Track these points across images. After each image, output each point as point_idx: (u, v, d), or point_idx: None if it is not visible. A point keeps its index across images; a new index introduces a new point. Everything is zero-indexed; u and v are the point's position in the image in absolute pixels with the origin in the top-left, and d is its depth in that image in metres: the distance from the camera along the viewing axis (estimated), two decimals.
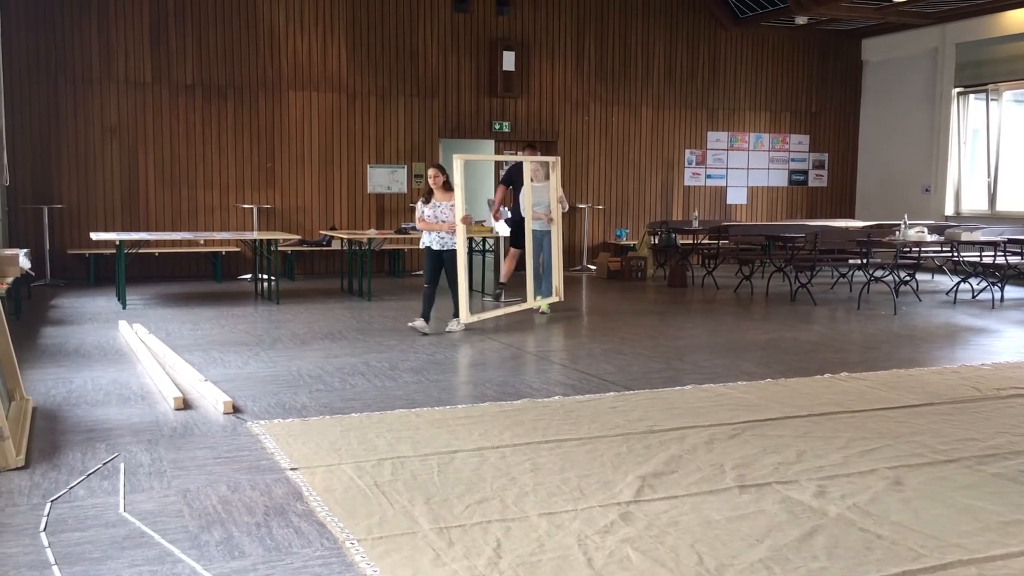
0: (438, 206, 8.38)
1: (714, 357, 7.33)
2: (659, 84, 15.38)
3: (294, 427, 5.03)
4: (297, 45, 13.12)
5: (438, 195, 8.41)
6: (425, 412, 5.39)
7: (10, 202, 11.67)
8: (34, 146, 11.88)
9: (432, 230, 8.39)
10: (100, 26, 12.12)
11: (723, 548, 3.36)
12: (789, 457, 4.52)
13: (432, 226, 8.37)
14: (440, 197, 8.40)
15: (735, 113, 16.04)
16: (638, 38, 15.16)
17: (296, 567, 3.19)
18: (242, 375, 6.44)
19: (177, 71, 12.52)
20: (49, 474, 4.18)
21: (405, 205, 13.90)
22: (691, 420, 5.25)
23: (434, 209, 8.39)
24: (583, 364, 6.96)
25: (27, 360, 6.71)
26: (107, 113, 12.23)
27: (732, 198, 16.24)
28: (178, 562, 3.21)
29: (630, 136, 15.34)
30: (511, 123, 14.44)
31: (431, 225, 8.38)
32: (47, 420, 5.15)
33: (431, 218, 8.40)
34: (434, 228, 8.36)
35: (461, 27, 14.00)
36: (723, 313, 10.02)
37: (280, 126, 13.11)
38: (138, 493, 3.93)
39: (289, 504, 3.81)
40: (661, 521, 3.63)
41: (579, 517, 3.67)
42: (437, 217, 8.37)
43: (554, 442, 4.76)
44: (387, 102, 13.70)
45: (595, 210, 15.17)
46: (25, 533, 3.47)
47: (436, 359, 7.10)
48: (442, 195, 8.40)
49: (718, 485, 4.08)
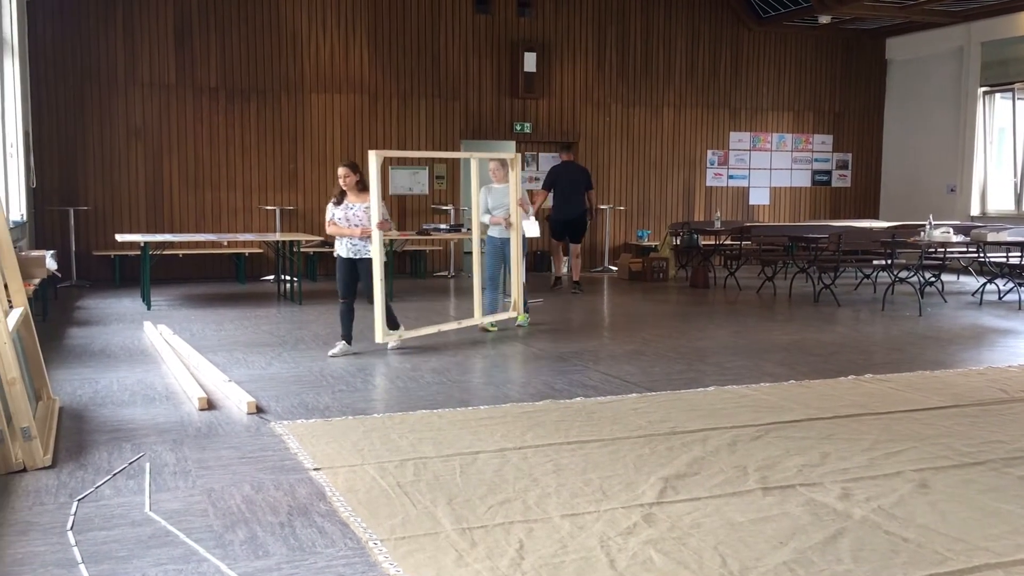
0: (351, 208, 7.44)
1: (737, 358, 7.30)
2: (681, 84, 15.34)
3: (317, 427, 5.05)
4: (319, 47, 13.19)
5: (352, 196, 7.48)
6: (447, 413, 5.40)
7: (37, 204, 11.80)
8: (60, 149, 12.01)
9: (343, 235, 7.44)
10: (125, 30, 12.23)
11: (746, 550, 3.35)
12: (813, 459, 4.49)
13: (343, 231, 7.43)
14: (354, 198, 7.46)
15: (758, 113, 15.96)
16: (660, 38, 15.12)
17: (320, 567, 3.20)
18: (265, 375, 6.48)
19: (201, 74, 12.62)
20: (76, 473, 4.22)
21: (427, 206, 13.94)
22: (714, 422, 5.22)
23: (346, 211, 7.45)
24: (605, 365, 6.95)
25: (54, 361, 6.78)
26: (132, 116, 12.34)
27: (754, 199, 16.16)
28: (203, 561, 3.24)
29: (652, 136, 15.30)
30: (532, 124, 14.45)
31: (342, 230, 7.43)
32: (74, 420, 5.21)
33: (342, 221, 7.44)
34: (345, 233, 7.41)
35: (482, 29, 14.02)
36: (745, 314, 9.97)
37: (302, 128, 13.18)
38: (163, 492, 3.97)
39: (312, 504, 3.83)
40: (684, 523, 3.62)
41: (601, 518, 3.66)
42: (349, 220, 7.42)
43: (576, 443, 4.75)
44: (409, 104, 13.74)
45: (616, 211, 15.14)
46: (52, 532, 3.51)
47: (457, 360, 7.12)
48: (356, 196, 7.46)
49: (741, 487, 4.06)
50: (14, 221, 9.29)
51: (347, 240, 7.41)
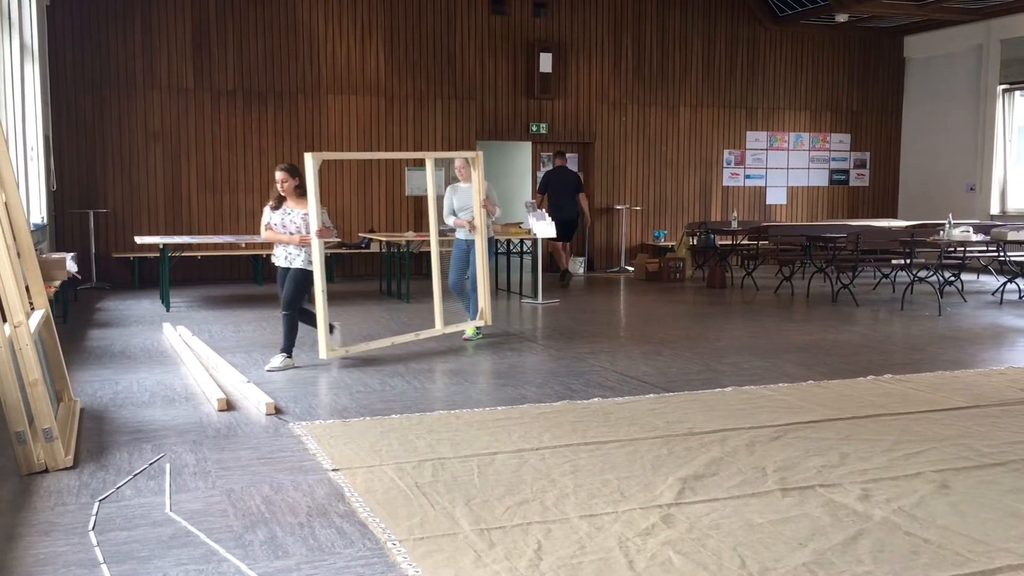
0: (289, 213, 6.89)
1: (754, 359, 7.27)
2: (697, 84, 15.29)
3: (335, 428, 5.07)
4: (336, 49, 13.24)
5: (291, 202, 6.93)
6: (464, 414, 5.41)
7: (57, 207, 11.90)
8: (80, 152, 12.11)
9: (277, 241, 6.91)
10: (143, 34, 12.32)
11: (766, 551, 3.34)
12: (832, 460, 4.47)
13: (277, 237, 6.87)
14: (293, 204, 6.93)
15: (774, 112, 15.89)
16: (676, 38, 15.08)
17: (339, 567, 3.22)
18: (283, 376, 6.50)
19: (218, 77, 12.69)
20: (97, 474, 4.26)
21: None
22: (732, 422, 5.21)
23: (283, 216, 6.89)
24: (622, 366, 6.94)
25: (74, 362, 6.83)
26: (150, 119, 12.43)
27: (772, 198, 16.09)
28: (223, 561, 3.26)
29: (668, 136, 15.26)
30: (548, 124, 14.44)
31: (278, 236, 6.87)
32: (94, 421, 5.25)
33: (279, 227, 6.90)
34: (281, 240, 6.87)
35: (498, 29, 14.03)
36: (763, 314, 9.93)
37: (319, 130, 13.23)
38: (184, 493, 3.99)
39: (331, 505, 3.84)
40: (703, 524, 3.61)
41: (620, 519, 3.66)
42: (286, 227, 6.88)
43: (594, 444, 4.75)
44: (425, 105, 13.76)
45: (633, 211, 15.11)
46: (74, 532, 3.54)
47: (475, 361, 7.12)
48: (295, 201, 6.92)
49: (760, 488, 4.05)
50: (35, 224, 9.37)
51: (281, 248, 6.94)
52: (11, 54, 8.75)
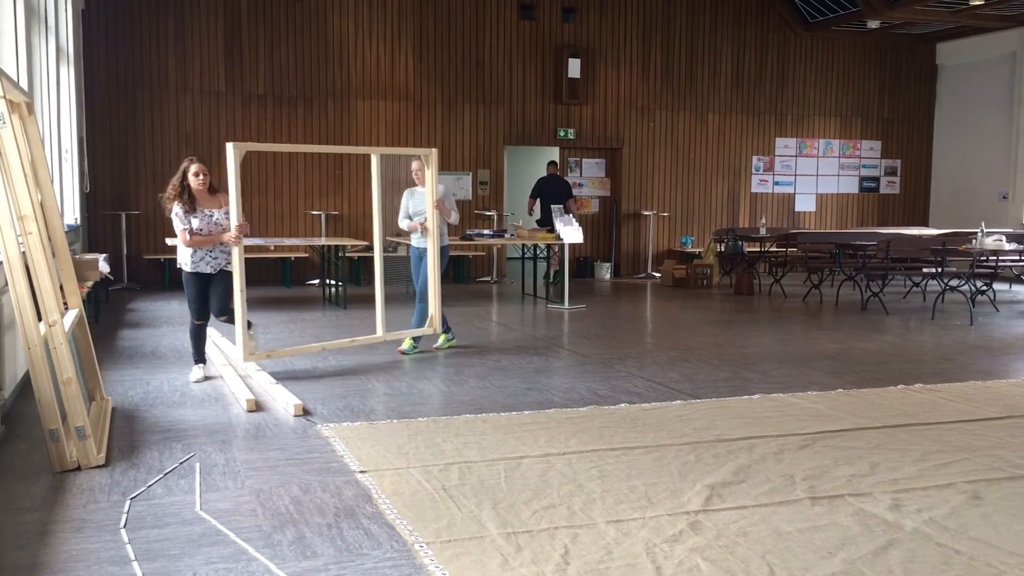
0: (211, 215, 6.27)
1: (782, 366, 7.22)
2: (726, 90, 15.23)
3: (362, 430, 5.10)
4: (366, 55, 13.32)
5: (203, 201, 6.29)
6: (491, 417, 5.41)
7: (90, 208, 12.06)
8: (113, 154, 12.26)
9: (207, 245, 6.29)
10: (176, 39, 12.46)
11: (795, 560, 3.31)
12: (862, 469, 4.43)
13: (208, 240, 6.27)
14: (207, 203, 6.30)
15: (804, 119, 15.79)
16: (705, 44, 15.03)
17: (367, 568, 3.23)
18: (311, 378, 6.55)
19: (250, 81, 12.81)
20: (128, 472, 4.30)
21: (470, 212, 13.99)
22: (760, 430, 5.17)
23: (207, 220, 6.26)
24: (649, 372, 6.92)
25: (106, 362, 6.91)
26: (182, 122, 12.56)
27: (800, 205, 15.99)
28: (252, 560, 3.28)
29: (696, 142, 15.21)
30: (576, 130, 14.45)
31: (206, 239, 6.26)
32: (125, 420, 5.31)
33: (204, 231, 6.26)
34: (210, 242, 6.28)
35: (527, 35, 14.06)
36: (791, 322, 9.86)
37: (348, 134, 13.31)
38: (213, 492, 4.03)
39: (359, 506, 3.86)
40: (731, 531, 3.59)
41: (647, 525, 3.65)
42: (211, 230, 6.27)
43: (621, 449, 4.74)
44: (453, 110, 13.81)
45: (660, 217, 15.07)
46: (106, 529, 3.58)
47: (501, 365, 7.13)
48: (208, 201, 6.31)
49: (789, 496, 4.02)
50: (69, 225, 9.50)
51: (207, 254, 6.34)
52: (47, 57, 8.88)
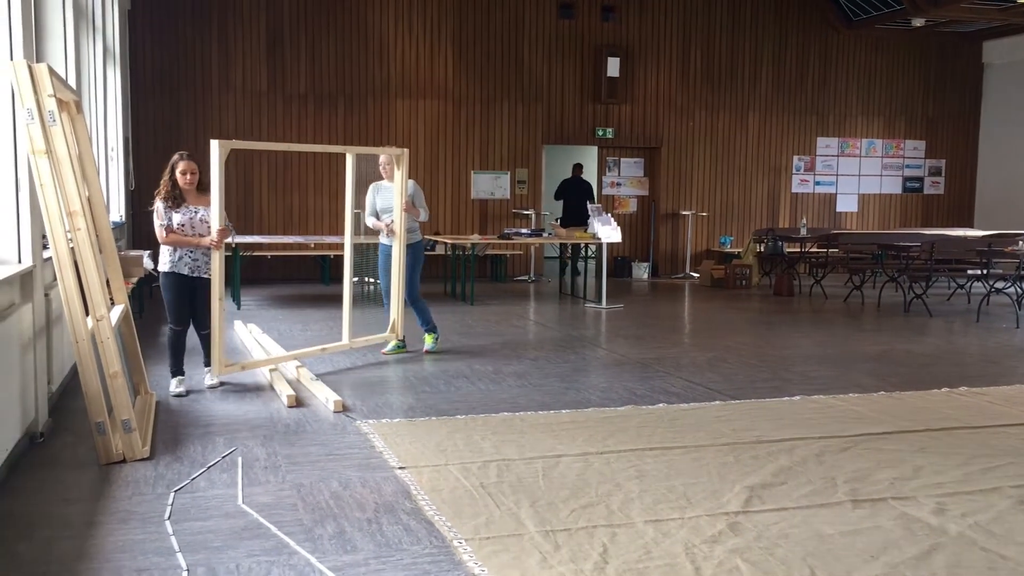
0: (196, 213, 5.91)
1: (823, 368, 7.15)
2: (767, 89, 15.10)
3: (401, 427, 5.13)
4: (405, 54, 13.39)
5: (192, 199, 5.95)
6: (529, 416, 5.42)
7: (135, 206, 12.25)
8: (157, 153, 12.42)
9: (185, 245, 5.88)
10: (220, 39, 12.62)
11: (836, 563, 3.28)
12: (905, 472, 4.37)
13: (187, 240, 5.86)
14: (194, 201, 5.95)
15: (846, 118, 15.60)
16: (746, 43, 14.91)
17: (406, 563, 3.25)
18: (350, 375, 6.60)
19: (291, 80, 12.94)
20: (172, 465, 4.37)
21: (508, 211, 14.02)
22: (800, 431, 5.13)
23: (191, 216, 5.89)
24: (687, 372, 6.88)
25: (150, 356, 7.01)
26: (225, 121, 12.72)
27: (842, 205, 15.80)
28: (293, 554, 3.32)
29: (736, 142, 15.09)
30: (615, 129, 14.40)
31: (186, 239, 5.85)
32: (169, 414, 5.39)
33: (187, 230, 5.87)
34: (188, 243, 5.87)
35: (566, 34, 14.05)
36: (832, 323, 9.75)
37: (387, 133, 13.39)
38: (255, 486, 4.08)
39: (398, 502, 3.89)
40: (771, 533, 3.56)
41: (686, 525, 3.63)
42: (195, 228, 5.89)
43: (659, 449, 4.72)
44: (491, 109, 13.84)
45: (699, 217, 14.97)
46: (151, 521, 3.64)
47: (539, 364, 7.13)
48: (196, 199, 5.96)
49: (830, 499, 3.98)
50: (114, 222, 9.66)
51: (187, 254, 5.92)
52: (95, 57, 9.04)
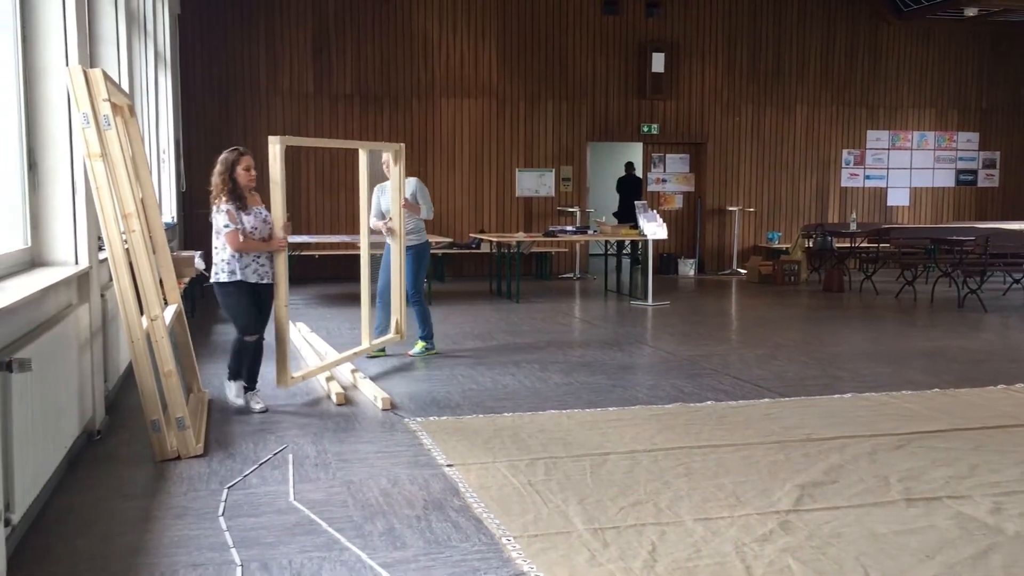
0: (260, 213, 5.53)
1: (875, 365, 7.03)
2: (815, 82, 14.88)
3: (449, 425, 5.16)
4: (450, 53, 13.44)
5: (250, 199, 5.54)
6: (576, 414, 5.42)
7: (186, 207, 12.46)
8: (207, 155, 12.59)
9: (256, 250, 5.43)
10: (267, 42, 12.78)
11: (890, 562, 3.23)
12: (961, 471, 4.29)
13: (257, 245, 5.43)
14: (253, 201, 5.56)
15: (897, 111, 15.33)
16: (793, 36, 14.72)
17: (455, 560, 3.27)
18: (398, 373, 6.65)
19: (337, 82, 13.06)
20: (225, 462, 4.45)
21: (553, 209, 14.00)
22: (852, 429, 5.06)
23: (260, 219, 5.50)
24: (735, 369, 6.82)
25: (202, 355, 7.13)
26: (273, 122, 12.87)
27: (893, 199, 15.53)
28: (344, 550, 3.36)
29: (783, 136, 14.91)
30: (660, 125, 14.31)
31: (257, 244, 5.43)
32: (221, 412, 5.48)
33: (257, 233, 5.45)
34: (259, 248, 5.45)
35: (610, 30, 13.99)
36: (884, 319, 9.59)
37: (432, 132, 13.46)
38: (306, 483, 4.13)
39: (447, 499, 3.91)
40: (823, 532, 3.52)
41: (736, 524, 3.61)
42: (261, 231, 5.48)
43: (707, 447, 4.69)
44: (536, 106, 13.83)
45: (746, 212, 14.82)
46: (205, 517, 3.71)
47: (585, 361, 7.12)
48: (252, 199, 5.57)
49: (883, 497, 3.92)
50: (166, 223, 9.83)
51: (253, 260, 5.45)
52: (146, 61, 9.22)
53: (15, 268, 4.27)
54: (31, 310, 3.78)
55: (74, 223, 4.70)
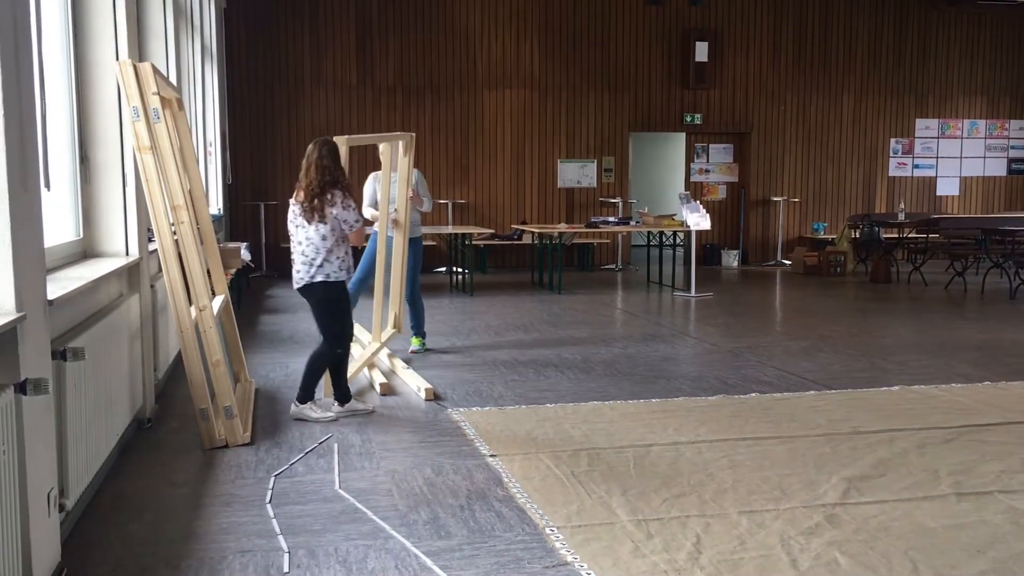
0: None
1: (923, 357, 6.92)
2: (862, 70, 14.64)
3: (492, 415, 5.17)
4: (491, 44, 13.43)
5: None
6: (619, 405, 5.40)
7: (232, 199, 12.63)
8: (252, 147, 12.79)
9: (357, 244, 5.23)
10: (311, 35, 12.88)
11: (940, 557, 3.18)
12: (1013, 465, 4.21)
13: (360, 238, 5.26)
14: None
15: (947, 99, 15.02)
16: (840, 23, 14.49)
17: (499, 549, 3.29)
18: (440, 364, 6.68)
19: (380, 74, 13.12)
20: (272, 451, 4.51)
21: (595, 199, 13.96)
22: (900, 422, 4.98)
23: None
24: (779, 361, 6.76)
25: (248, 346, 7.23)
26: (317, 115, 12.98)
27: (942, 189, 15.24)
28: (389, 538, 3.39)
29: (829, 125, 14.69)
30: (703, 115, 14.18)
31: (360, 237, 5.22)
32: (267, 401, 5.55)
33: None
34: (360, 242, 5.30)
35: (653, 19, 13.88)
36: (932, 311, 9.42)
37: (475, 124, 13.48)
38: (351, 472, 4.17)
39: (490, 489, 3.93)
40: (871, 526, 3.48)
41: (781, 517, 3.57)
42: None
43: (752, 439, 4.65)
44: (578, 97, 13.78)
45: (790, 203, 14.64)
46: (252, 504, 3.76)
47: (628, 352, 7.10)
48: None
49: (933, 491, 3.86)
50: (213, 215, 9.97)
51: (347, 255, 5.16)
52: (193, 56, 9.34)
53: (68, 259, 4.36)
54: (84, 300, 3.86)
55: (125, 215, 4.79)
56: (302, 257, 5.05)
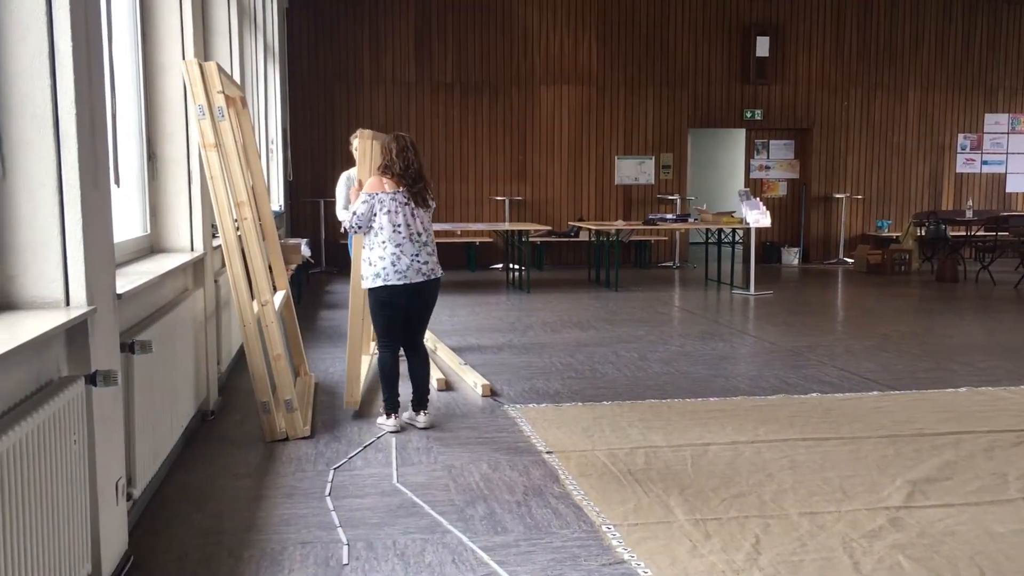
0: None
1: (992, 358, 6.74)
2: (929, 64, 14.30)
3: (548, 412, 5.17)
4: (549, 41, 13.42)
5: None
6: (676, 403, 5.36)
7: (292, 195, 12.82)
8: (312, 144, 12.97)
9: None
10: (371, 33, 13.01)
11: (1008, 563, 3.10)
12: None
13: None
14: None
15: (1018, 93, 14.59)
16: (906, 16, 14.16)
17: (555, 546, 3.29)
18: (496, 360, 6.70)
19: (438, 71, 13.20)
20: (331, 444, 4.57)
21: (652, 196, 13.86)
22: (967, 425, 4.86)
23: None
24: (841, 361, 6.64)
25: (308, 340, 7.34)
26: (375, 112, 13.11)
27: (1012, 186, 14.81)
28: (447, 533, 3.41)
29: (895, 121, 14.38)
30: (764, 111, 13.99)
31: None
32: (327, 395, 5.63)
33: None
34: None
35: (713, 13, 13.73)
36: (1002, 311, 9.17)
37: (532, 120, 13.48)
38: (408, 466, 4.21)
39: (546, 486, 3.93)
40: (936, 529, 3.40)
41: (843, 519, 3.51)
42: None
43: (812, 440, 4.58)
44: (636, 93, 13.69)
45: (853, 200, 14.37)
46: (312, 496, 3.82)
47: (685, 350, 7.04)
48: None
49: (1001, 495, 3.76)
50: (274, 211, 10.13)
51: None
52: (256, 55, 9.50)
53: (136, 254, 4.47)
54: (151, 294, 3.95)
55: (190, 211, 4.89)
56: (427, 248, 4.78)
